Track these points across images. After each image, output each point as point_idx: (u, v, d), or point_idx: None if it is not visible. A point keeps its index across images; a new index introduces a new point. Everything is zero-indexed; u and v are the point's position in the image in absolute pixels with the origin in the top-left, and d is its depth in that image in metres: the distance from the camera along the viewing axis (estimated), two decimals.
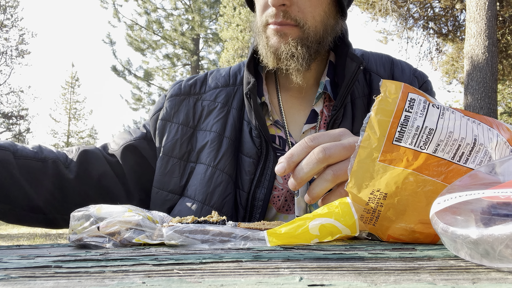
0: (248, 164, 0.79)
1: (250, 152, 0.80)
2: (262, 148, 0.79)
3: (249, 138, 0.81)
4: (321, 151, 0.52)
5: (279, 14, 0.74)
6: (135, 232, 0.44)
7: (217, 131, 0.82)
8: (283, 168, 0.54)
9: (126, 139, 0.87)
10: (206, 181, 0.78)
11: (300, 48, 0.76)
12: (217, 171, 0.79)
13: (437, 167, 0.45)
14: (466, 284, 0.25)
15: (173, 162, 0.83)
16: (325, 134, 0.56)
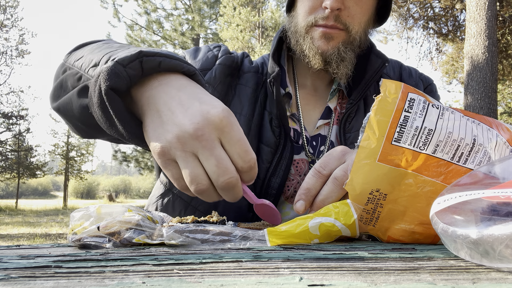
0: (266, 152, 0.80)
1: (269, 141, 0.80)
2: (280, 138, 0.80)
3: (269, 127, 0.81)
4: (338, 186, 0.53)
5: (331, 17, 0.76)
6: (135, 232, 0.44)
7: (246, 115, 0.82)
8: (303, 206, 0.54)
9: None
10: None
11: (349, 52, 0.79)
12: None
13: (437, 167, 0.45)
14: (466, 284, 0.25)
15: None
16: (331, 159, 0.56)
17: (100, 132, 0.57)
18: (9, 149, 18.53)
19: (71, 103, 0.57)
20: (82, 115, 0.55)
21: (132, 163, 15.01)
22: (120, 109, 0.48)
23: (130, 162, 14.99)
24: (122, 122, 0.49)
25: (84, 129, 0.61)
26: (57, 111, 0.63)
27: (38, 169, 19.08)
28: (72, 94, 0.56)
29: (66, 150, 21.01)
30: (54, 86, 0.63)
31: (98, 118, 0.50)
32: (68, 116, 0.61)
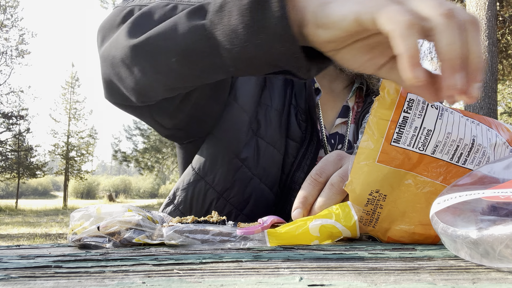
0: (291, 147, 0.78)
1: (295, 135, 0.79)
2: (306, 132, 0.79)
3: (295, 121, 0.80)
4: (335, 192, 0.52)
5: None
6: (135, 232, 0.45)
7: (277, 109, 0.80)
8: (301, 214, 0.53)
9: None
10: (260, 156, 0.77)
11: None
12: (274, 149, 0.78)
13: (436, 168, 0.45)
14: (466, 284, 0.25)
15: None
16: (327, 164, 0.55)
17: (194, 69, 0.49)
18: (9, 149, 18.54)
19: (175, 29, 0.47)
20: (189, 40, 0.46)
21: (132, 163, 15.01)
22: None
23: (130, 162, 15.00)
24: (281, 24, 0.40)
25: (173, 67, 0.50)
26: (139, 48, 0.51)
27: (38, 169, 19.09)
28: (177, 20, 0.47)
29: (66, 150, 21.02)
30: (131, 24, 0.53)
31: (237, 28, 0.41)
32: (157, 50, 0.50)
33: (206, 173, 0.74)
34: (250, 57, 0.43)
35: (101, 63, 0.61)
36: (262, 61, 0.44)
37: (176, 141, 0.82)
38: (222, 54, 0.44)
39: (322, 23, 0.40)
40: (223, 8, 0.43)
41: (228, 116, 0.76)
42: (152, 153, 14.59)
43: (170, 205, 0.77)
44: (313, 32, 0.41)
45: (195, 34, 0.45)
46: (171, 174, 18.27)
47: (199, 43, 0.45)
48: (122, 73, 0.56)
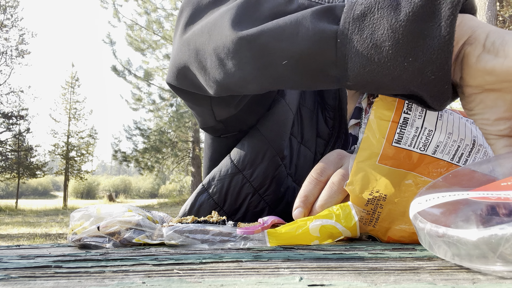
0: (319, 144, 0.78)
1: (322, 133, 0.79)
2: (334, 130, 0.79)
3: (322, 119, 0.79)
4: (335, 192, 0.51)
5: None
6: (135, 232, 0.45)
7: (309, 107, 0.80)
8: (302, 213, 0.53)
9: None
10: (296, 155, 0.77)
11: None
12: (306, 148, 0.78)
13: (437, 168, 0.45)
14: (466, 284, 0.25)
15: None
16: (328, 164, 0.55)
17: (301, 76, 0.43)
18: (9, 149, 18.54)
19: (296, 29, 0.40)
20: (311, 45, 0.39)
21: (132, 163, 15.00)
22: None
23: (130, 162, 14.99)
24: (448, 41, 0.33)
25: (280, 70, 0.43)
26: (246, 42, 0.43)
27: (38, 169, 19.09)
28: (300, 18, 0.40)
29: (66, 150, 21.02)
30: (237, 11, 0.46)
31: (399, 40, 0.34)
32: (268, 49, 0.42)
33: (245, 167, 0.73)
34: (384, 77, 0.37)
35: (179, 46, 0.54)
36: (397, 84, 0.37)
37: (213, 133, 0.79)
38: (349, 68, 0.38)
39: (496, 49, 0.33)
40: (364, 17, 0.36)
41: (275, 112, 0.74)
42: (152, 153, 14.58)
43: (203, 193, 0.75)
44: (476, 53, 0.34)
45: (321, 41, 0.38)
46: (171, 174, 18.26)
47: (324, 51, 0.39)
48: (209, 64, 0.49)
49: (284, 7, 0.43)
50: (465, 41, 0.35)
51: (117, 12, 13.42)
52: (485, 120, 0.36)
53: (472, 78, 0.35)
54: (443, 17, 0.33)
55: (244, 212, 0.74)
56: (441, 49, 0.33)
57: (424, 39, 0.34)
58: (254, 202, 0.74)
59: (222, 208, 0.74)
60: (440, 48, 0.33)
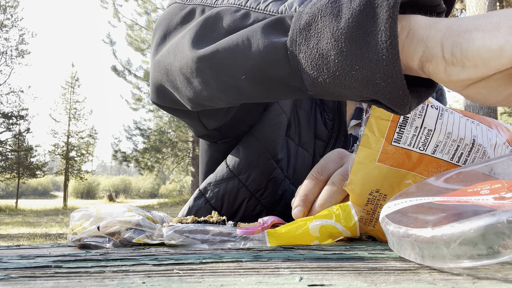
0: (318, 146, 0.78)
1: (322, 135, 0.79)
2: (333, 131, 0.79)
3: (321, 121, 0.80)
4: (336, 191, 0.51)
5: None
6: (135, 232, 0.45)
7: (306, 109, 0.79)
8: (302, 212, 0.53)
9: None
10: (295, 158, 0.77)
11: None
12: (303, 150, 0.78)
13: (436, 168, 0.45)
14: (466, 284, 0.25)
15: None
16: (328, 163, 0.55)
17: (265, 89, 0.42)
18: (9, 149, 18.54)
19: (248, 44, 0.40)
20: (264, 59, 0.39)
21: (132, 163, 15.00)
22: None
23: (130, 162, 14.99)
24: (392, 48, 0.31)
25: (240, 85, 0.43)
26: (204, 60, 0.44)
27: (38, 169, 19.09)
28: (251, 33, 0.40)
29: (66, 150, 21.02)
30: (196, 30, 0.46)
31: (352, 48, 0.33)
32: (225, 65, 0.43)
33: (241, 172, 0.73)
34: (337, 86, 0.36)
35: (153, 67, 0.56)
36: (352, 92, 0.36)
37: (209, 140, 0.80)
38: (304, 79, 0.37)
39: (460, 60, 0.31)
40: (309, 27, 0.36)
41: (268, 116, 0.74)
42: (152, 153, 14.60)
43: (200, 198, 0.76)
44: (441, 69, 0.33)
45: (272, 53, 0.38)
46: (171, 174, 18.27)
47: (277, 63, 0.38)
48: (179, 83, 0.51)
49: (240, 22, 0.43)
50: (421, 57, 0.33)
51: (117, 12, 13.42)
52: (494, 102, 0.35)
53: (453, 88, 0.34)
54: (381, 21, 0.31)
55: (242, 216, 0.74)
56: (385, 55, 0.31)
57: (368, 45, 0.32)
58: (251, 206, 0.74)
59: (220, 212, 0.75)
60: (384, 54, 0.31)
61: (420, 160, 0.44)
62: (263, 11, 0.41)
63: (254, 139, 0.74)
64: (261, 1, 0.42)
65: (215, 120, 0.69)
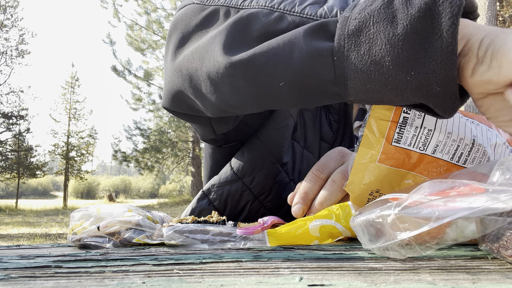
0: (323, 148, 0.78)
1: (327, 137, 0.79)
2: (338, 133, 0.79)
3: (326, 122, 0.79)
4: (335, 189, 0.51)
5: None
6: (135, 232, 0.45)
7: (311, 111, 0.79)
8: (301, 209, 0.52)
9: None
10: (300, 160, 0.77)
11: None
12: (309, 153, 0.78)
13: (436, 167, 0.45)
14: (466, 284, 0.25)
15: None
16: (329, 161, 0.55)
17: (301, 96, 0.41)
18: (9, 149, 18.54)
19: (290, 50, 0.38)
20: (307, 65, 0.38)
21: (132, 163, 15.00)
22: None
23: (130, 162, 14.99)
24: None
25: (278, 92, 0.42)
26: (239, 67, 0.42)
27: (38, 169, 19.09)
28: (292, 38, 0.38)
29: (66, 150, 21.02)
30: (227, 34, 0.44)
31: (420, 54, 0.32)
32: (263, 72, 0.41)
33: (245, 175, 0.73)
34: (386, 92, 0.35)
35: (172, 71, 0.53)
36: (400, 98, 0.36)
37: (214, 144, 0.80)
38: (349, 86, 0.36)
39: (489, 58, 0.32)
40: (360, 32, 0.35)
41: (274, 119, 0.74)
42: (152, 153, 14.60)
43: (204, 199, 0.75)
44: (470, 66, 0.33)
45: (317, 59, 0.37)
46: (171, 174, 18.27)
47: (320, 70, 0.37)
48: (204, 89, 0.48)
49: (275, 26, 0.41)
50: (460, 51, 0.34)
51: (117, 12, 13.42)
52: (501, 122, 0.35)
53: (472, 89, 0.34)
54: (443, 27, 0.31)
55: (245, 218, 0.74)
56: (444, 61, 0.32)
57: (425, 51, 0.32)
58: (254, 209, 0.74)
59: (223, 214, 0.74)
60: (443, 60, 0.32)
61: (420, 160, 0.44)
62: (300, 14, 0.40)
63: (259, 142, 0.74)
64: (296, 4, 0.41)
65: (226, 125, 0.68)
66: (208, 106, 0.51)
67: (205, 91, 0.49)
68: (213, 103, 0.49)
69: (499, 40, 0.31)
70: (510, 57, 0.30)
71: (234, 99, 0.46)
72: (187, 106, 0.56)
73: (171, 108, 0.60)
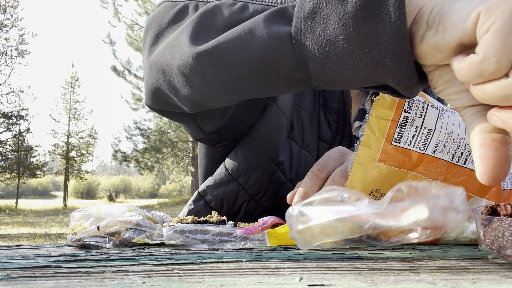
0: (322, 149, 0.78)
1: (326, 136, 0.78)
2: (337, 133, 0.78)
3: (324, 122, 0.79)
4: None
5: None
6: (135, 232, 0.45)
7: (309, 110, 0.79)
8: None
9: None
10: (297, 160, 0.77)
11: None
12: (306, 152, 0.78)
13: (436, 167, 0.45)
14: (466, 284, 0.25)
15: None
16: (329, 160, 0.55)
17: (267, 82, 0.42)
18: (9, 149, 18.55)
19: (251, 36, 0.39)
20: (269, 50, 0.38)
21: (132, 163, 15.01)
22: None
23: (130, 162, 15.00)
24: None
25: (244, 79, 0.42)
26: (205, 56, 0.43)
27: (38, 169, 19.10)
28: (252, 25, 0.39)
29: (66, 150, 21.03)
30: (193, 26, 0.45)
31: (364, 33, 0.32)
32: (227, 60, 0.42)
33: (240, 175, 0.73)
34: (345, 72, 0.36)
35: (148, 68, 0.55)
36: (360, 77, 0.36)
37: (207, 143, 0.79)
38: (310, 68, 0.37)
39: (436, 23, 0.31)
40: (315, 14, 0.35)
41: (267, 118, 0.73)
42: (152, 153, 14.61)
43: (200, 200, 0.75)
44: (420, 33, 0.32)
45: (277, 44, 0.38)
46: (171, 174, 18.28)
47: (281, 54, 0.38)
48: (177, 82, 0.49)
49: (238, 15, 0.42)
50: (412, 20, 0.33)
51: (117, 12, 13.42)
52: (449, 95, 0.35)
53: (422, 58, 0.34)
54: (390, 2, 0.31)
55: (242, 218, 0.74)
56: (395, 35, 0.31)
57: (376, 27, 0.32)
58: (250, 209, 0.73)
59: (220, 214, 0.74)
60: (393, 35, 0.32)
61: (421, 160, 0.44)
62: (262, 2, 0.41)
63: (252, 142, 0.73)
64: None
65: (212, 122, 0.68)
66: (183, 100, 0.52)
67: (178, 85, 0.50)
68: (187, 96, 0.50)
69: (447, 6, 0.31)
70: (454, 19, 0.30)
71: (205, 90, 0.47)
72: (165, 103, 0.57)
73: (152, 105, 0.60)
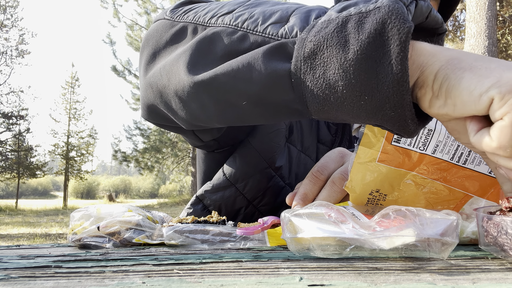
0: (321, 151, 0.78)
1: (325, 139, 0.78)
2: (336, 136, 0.78)
3: (324, 125, 0.79)
4: (335, 190, 0.51)
5: None
6: (135, 232, 0.45)
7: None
8: None
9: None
10: (296, 163, 0.77)
11: None
12: (306, 156, 0.78)
13: (436, 167, 0.45)
14: (466, 284, 0.25)
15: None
16: (329, 161, 0.55)
17: (265, 113, 0.42)
18: (9, 149, 18.55)
19: (250, 70, 0.39)
20: (267, 85, 0.38)
21: (132, 163, 15.01)
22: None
23: (130, 162, 15.00)
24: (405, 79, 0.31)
25: (241, 110, 0.42)
26: (202, 86, 0.43)
27: (38, 169, 19.09)
28: (252, 59, 0.39)
29: (66, 150, 21.03)
30: (191, 54, 0.45)
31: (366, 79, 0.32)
32: (225, 91, 0.42)
33: (237, 180, 0.73)
34: (344, 115, 0.36)
35: (144, 87, 0.54)
36: (358, 120, 0.36)
37: (206, 149, 0.79)
38: (309, 106, 0.37)
39: (444, 95, 0.32)
40: (315, 55, 0.35)
41: (264, 125, 0.73)
42: (152, 153, 14.61)
43: (198, 204, 0.75)
44: (426, 98, 0.34)
45: (275, 80, 0.37)
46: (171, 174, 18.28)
47: (280, 90, 0.38)
48: (174, 105, 0.49)
49: (238, 45, 0.42)
50: (415, 82, 0.34)
51: (117, 12, 13.42)
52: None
53: (434, 116, 0.35)
54: (392, 54, 0.31)
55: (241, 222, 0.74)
56: (396, 86, 0.31)
57: (377, 77, 0.32)
58: (249, 214, 0.74)
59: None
60: (394, 86, 0.31)
61: (420, 160, 0.44)
62: (262, 33, 0.40)
63: (250, 148, 0.74)
64: (259, 23, 0.41)
65: (210, 134, 0.68)
66: (180, 120, 0.52)
67: (175, 107, 0.49)
68: (184, 118, 0.50)
69: (454, 77, 0.31)
70: (464, 98, 0.31)
71: (202, 116, 0.47)
72: (163, 118, 0.57)
73: (148, 119, 0.60)
